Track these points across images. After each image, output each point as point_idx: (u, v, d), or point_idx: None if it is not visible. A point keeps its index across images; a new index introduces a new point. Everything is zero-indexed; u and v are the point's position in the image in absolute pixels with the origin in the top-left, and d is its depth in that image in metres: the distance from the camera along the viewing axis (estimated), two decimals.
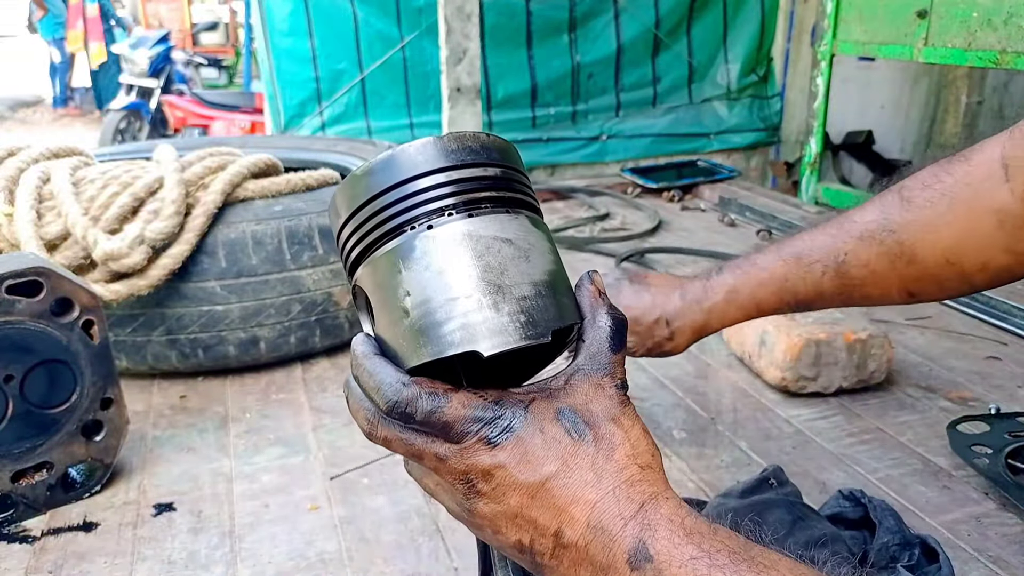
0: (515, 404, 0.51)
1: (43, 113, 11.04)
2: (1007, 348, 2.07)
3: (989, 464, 1.45)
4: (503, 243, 0.52)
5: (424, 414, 0.50)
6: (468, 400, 0.51)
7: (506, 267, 0.51)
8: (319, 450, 1.61)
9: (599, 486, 0.49)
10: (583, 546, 0.49)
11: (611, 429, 0.51)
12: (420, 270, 0.51)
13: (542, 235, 0.55)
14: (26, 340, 1.33)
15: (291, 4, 4.27)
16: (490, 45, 4.01)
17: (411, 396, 0.50)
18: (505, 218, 0.53)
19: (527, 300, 0.51)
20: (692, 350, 2.14)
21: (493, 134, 0.57)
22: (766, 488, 1.33)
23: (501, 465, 0.50)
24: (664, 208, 3.59)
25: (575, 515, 0.49)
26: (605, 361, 0.54)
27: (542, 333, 0.51)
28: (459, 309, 0.50)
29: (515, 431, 0.50)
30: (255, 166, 1.96)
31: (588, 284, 0.57)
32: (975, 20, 2.83)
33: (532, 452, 0.50)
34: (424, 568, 1.26)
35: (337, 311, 1.96)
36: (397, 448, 0.53)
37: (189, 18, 12.09)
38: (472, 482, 0.51)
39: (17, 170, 1.83)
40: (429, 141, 0.54)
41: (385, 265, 0.53)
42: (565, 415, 0.51)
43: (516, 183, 0.56)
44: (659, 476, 0.52)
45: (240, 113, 7.09)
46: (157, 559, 1.29)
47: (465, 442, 0.50)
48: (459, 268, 0.50)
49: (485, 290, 0.50)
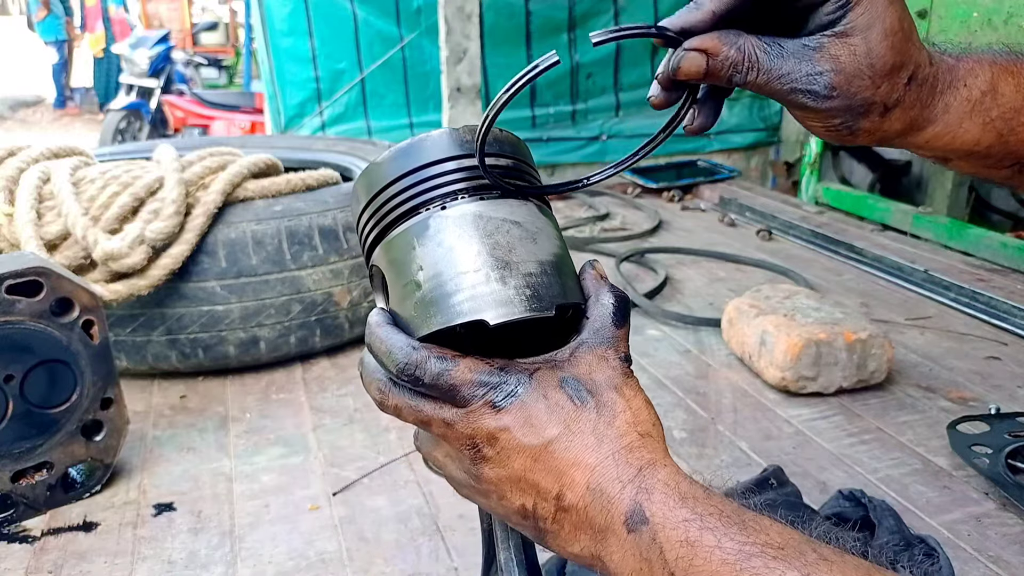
0: (520, 371, 0.53)
1: (43, 113, 11.04)
2: (1007, 348, 2.07)
3: (989, 464, 1.45)
4: (512, 224, 0.55)
5: (432, 376, 0.52)
6: (475, 365, 0.52)
7: (514, 246, 0.54)
8: (319, 450, 1.61)
9: (599, 450, 0.51)
10: (583, 508, 0.50)
11: (613, 397, 0.53)
12: (433, 246, 0.54)
13: (549, 222, 0.58)
14: (26, 340, 1.33)
15: (291, 4, 4.27)
16: (489, 45, 4.01)
17: (420, 359, 0.52)
18: (515, 203, 0.56)
19: (533, 276, 0.53)
20: (692, 350, 2.16)
21: (505, 129, 0.59)
22: (766, 488, 1.33)
23: (505, 428, 0.51)
24: (664, 208, 3.59)
25: (575, 478, 0.51)
26: (609, 335, 0.56)
27: (547, 307, 0.53)
28: (468, 282, 0.52)
29: (519, 396, 0.52)
30: (255, 166, 1.96)
31: (590, 269, 0.59)
32: (975, 20, 2.83)
33: (535, 416, 0.51)
34: (424, 568, 1.26)
35: (337, 311, 1.96)
36: (407, 415, 0.55)
37: (189, 18, 12.10)
38: (478, 447, 0.52)
39: (17, 170, 1.83)
40: (445, 132, 0.57)
41: (401, 243, 0.56)
42: (568, 383, 0.53)
43: (526, 174, 0.59)
44: (659, 444, 0.53)
45: (240, 113, 7.10)
46: (157, 559, 1.29)
47: (471, 405, 0.52)
48: (469, 245, 0.53)
49: (493, 265, 0.53)
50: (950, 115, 0.61)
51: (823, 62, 0.55)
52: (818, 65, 0.55)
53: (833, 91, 0.56)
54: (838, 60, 0.55)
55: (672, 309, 2.36)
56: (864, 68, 0.55)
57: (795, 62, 0.55)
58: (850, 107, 0.57)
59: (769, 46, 0.56)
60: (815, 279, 2.62)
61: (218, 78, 9.87)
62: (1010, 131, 0.62)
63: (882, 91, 0.56)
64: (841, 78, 0.55)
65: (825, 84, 0.55)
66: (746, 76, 0.56)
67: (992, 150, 0.63)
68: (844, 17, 0.54)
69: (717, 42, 0.55)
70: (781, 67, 0.55)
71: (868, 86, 0.56)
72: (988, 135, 0.62)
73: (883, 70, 0.55)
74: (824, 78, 0.55)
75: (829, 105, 0.56)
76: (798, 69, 0.55)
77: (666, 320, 2.27)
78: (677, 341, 2.15)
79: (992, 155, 0.64)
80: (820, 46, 0.55)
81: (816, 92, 0.55)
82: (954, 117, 0.61)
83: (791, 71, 0.55)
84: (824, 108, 0.57)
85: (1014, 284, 2.55)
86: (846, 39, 0.54)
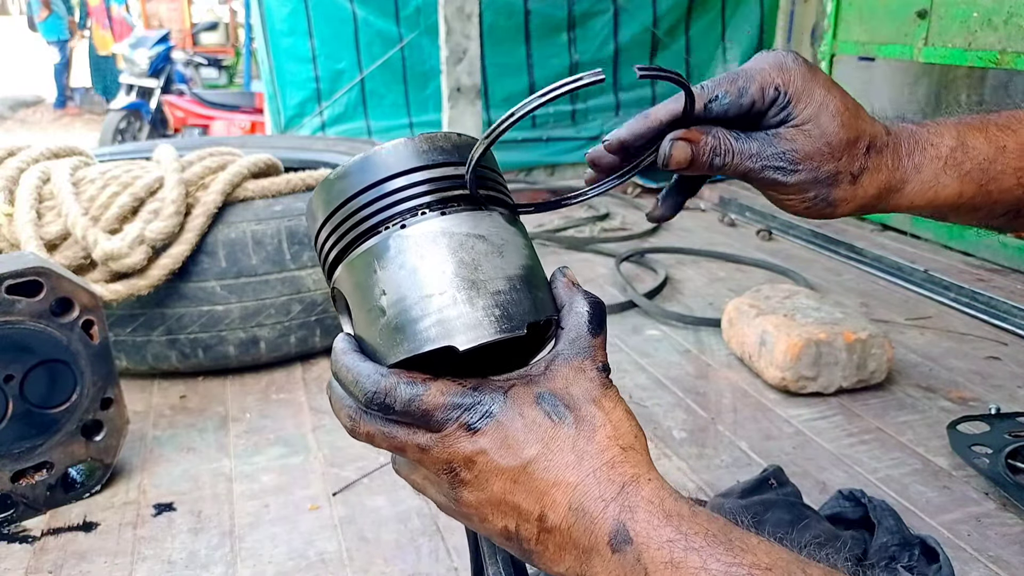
0: (494, 390, 0.51)
1: (43, 113, 11.03)
2: (1007, 348, 2.07)
3: (989, 464, 1.45)
4: (476, 239, 0.52)
5: (403, 403, 0.50)
6: (447, 388, 0.51)
7: (479, 263, 0.51)
8: (319, 450, 1.61)
9: (580, 468, 0.50)
10: (566, 529, 0.49)
11: (592, 411, 0.51)
12: (395, 269, 0.52)
13: (516, 231, 0.56)
14: (26, 340, 1.33)
15: (291, 4, 4.27)
16: (488, 44, 4.01)
17: (389, 386, 0.51)
18: (479, 215, 0.54)
19: (501, 294, 0.51)
20: (692, 350, 2.16)
21: (465, 134, 0.57)
22: (766, 488, 1.33)
23: (482, 451, 0.50)
24: None
25: (557, 498, 0.49)
26: (585, 344, 0.54)
27: (517, 326, 0.51)
28: (434, 305, 0.50)
29: (494, 416, 0.50)
30: (255, 166, 1.96)
31: (561, 277, 0.58)
32: (975, 20, 2.83)
33: (512, 436, 0.50)
34: (424, 568, 1.26)
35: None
36: (380, 443, 0.53)
37: (189, 18, 12.09)
38: (455, 471, 0.51)
39: (17, 170, 1.83)
40: (401, 142, 0.54)
41: (361, 265, 0.53)
42: (545, 399, 0.51)
43: (489, 181, 0.56)
44: (642, 457, 0.51)
45: (240, 113, 7.09)
46: (157, 559, 1.29)
47: (445, 429, 0.50)
48: (433, 265, 0.51)
49: (459, 286, 0.51)
50: (923, 173, 0.67)
51: (784, 143, 0.63)
52: (781, 145, 0.62)
53: (798, 164, 0.63)
54: (796, 142, 0.62)
55: (672, 309, 2.36)
56: (821, 146, 0.63)
57: (760, 145, 0.63)
58: (817, 179, 0.63)
59: (737, 135, 0.63)
60: (815, 279, 2.62)
61: (218, 78, 9.86)
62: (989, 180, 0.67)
63: (844, 162, 0.64)
64: (803, 154, 0.62)
65: (790, 159, 0.62)
66: (724, 159, 0.63)
67: (977, 201, 0.68)
68: (790, 115, 0.62)
69: (696, 132, 0.62)
70: (751, 148, 0.63)
71: (829, 158, 0.63)
72: (968, 187, 0.67)
73: (839, 144, 0.63)
74: (788, 154, 0.62)
75: (798, 178, 0.63)
76: (765, 150, 0.63)
77: (666, 320, 2.27)
78: (677, 341, 2.15)
79: (979, 206, 0.69)
80: (778, 134, 0.63)
81: (783, 167, 0.63)
82: (927, 175, 0.67)
83: (760, 151, 0.63)
84: (794, 181, 0.63)
85: (1014, 284, 2.55)
86: (799, 128, 0.62)
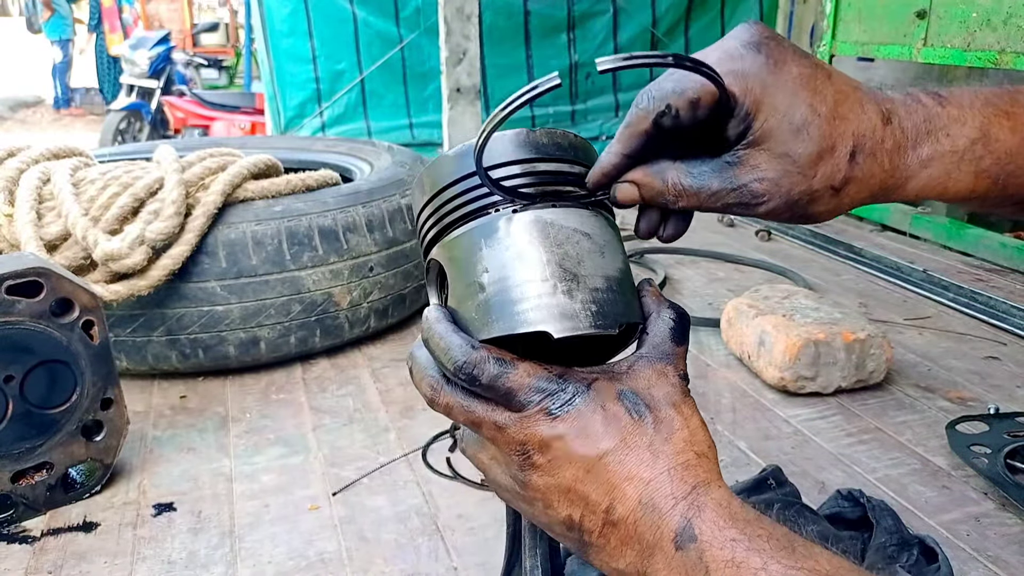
0: (579, 380, 0.52)
1: (43, 113, 11.04)
2: (1006, 348, 2.07)
3: (988, 464, 1.45)
4: (582, 236, 0.54)
5: (490, 377, 0.51)
6: (533, 370, 0.52)
7: (583, 258, 0.53)
8: (319, 450, 1.61)
9: (654, 465, 0.50)
10: (632, 523, 0.50)
11: (671, 414, 0.52)
12: (501, 249, 0.53)
13: (616, 236, 0.58)
14: (26, 340, 1.34)
15: (291, 5, 4.28)
16: (488, 45, 4.02)
17: (479, 359, 0.51)
18: (585, 213, 0.56)
19: (599, 292, 0.53)
20: (691, 350, 2.16)
21: (580, 136, 0.59)
22: (765, 488, 1.33)
23: (560, 436, 0.51)
24: None
25: (627, 492, 0.50)
26: (668, 351, 0.55)
27: (610, 324, 0.52)
28: (534, 291, 0.52)
29: (576, 405, 0.51)
30: (255, 167, 1.97)
31: (648, 287, 0.59)
32: (974, 20, 2.83)
33: (592, 427, 0.51)
34: (424, 568, 1.26)
35: (337, 311, 1.96)
36: (458, 415, 0.54)
37: (189, 19, 12.11)
38: (528, 453, 0.52)
39: (17, 170, 1.83)
40: (523, 132, 0.56)
41: (467, 242, 0.55)
42: (627, 396, 0.52)
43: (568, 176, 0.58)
44: (713, 466, 0.52)
45: (240, 114, 7.09)
46: (157, 559, 1.29)
47: (526, 411, 0.51)
48: (538, 252, 0.52)
49: (562, 276, 0.52)
50: (933, 169, 0.57)
51: (744, 174, 0.54)
52: (741, 178, 0.54)
53: (762, 197, 0.55)
54: (759, 168, 0.54)
55: None
56: (788, 166, 0.54)
57: (720, 180, 0.55)
58: (789, 202, 0.55)
59: (693, 170, 0.55)
60: (814, 279, 2.62)
61: (218, 79, 9.87)
62: (1007, 176, 0.59)
63: (820, 178, 0.54)
64: (768, 183, 0.54)
65: (753, 193, 0.54)
66: (677, 203, 0.56)
67: (990, 195, 0.60)
68: (750, 128, 0.54)
69: (642, 175, 0.56)
70: (709, 187, 0.55)
71: (800, 180, 0.54)
72: (982, 183, 0.59)
73: (809, 161, 0.53)
74: (749, 188, 0.54)
75: (766, 208, 0.55)
76: (725, 186, 0.55)
77: None
78: None
79: (991, 198, 0.61)
80: (739, 160, 0.55)
81: (747, 203, 0.55)
82: (938, 171, 0.58)
83: (719, 189, 0.55)
84: (763, 212, 0.56)
85: (1013, 284, 2.55)
86: (760, 146, 0.54)
